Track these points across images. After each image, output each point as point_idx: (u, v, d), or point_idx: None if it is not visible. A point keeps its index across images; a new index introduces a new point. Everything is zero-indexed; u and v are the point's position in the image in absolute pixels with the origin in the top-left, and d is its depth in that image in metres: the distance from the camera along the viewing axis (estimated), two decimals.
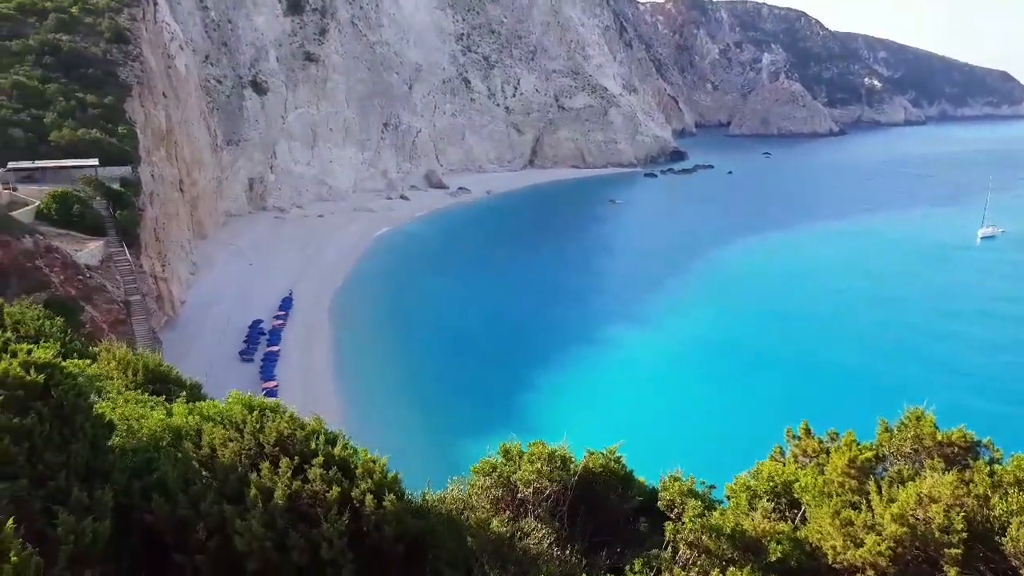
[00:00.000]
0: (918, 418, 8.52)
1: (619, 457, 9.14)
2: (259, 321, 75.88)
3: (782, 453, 9.31)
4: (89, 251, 43.31)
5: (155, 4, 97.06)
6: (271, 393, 59.51)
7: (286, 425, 6.93)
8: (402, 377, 65.72)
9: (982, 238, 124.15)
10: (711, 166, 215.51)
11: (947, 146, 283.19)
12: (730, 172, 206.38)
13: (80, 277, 38.34)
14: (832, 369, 67.38)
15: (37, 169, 58.35)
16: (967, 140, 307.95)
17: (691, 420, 56.28)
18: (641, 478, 9.36)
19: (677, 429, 53.54)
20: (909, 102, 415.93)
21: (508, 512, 8.07)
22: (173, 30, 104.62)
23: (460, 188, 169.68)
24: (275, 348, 70.38)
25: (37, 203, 48.77)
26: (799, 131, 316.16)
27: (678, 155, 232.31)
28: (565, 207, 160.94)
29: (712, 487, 8.69)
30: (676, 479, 8.68)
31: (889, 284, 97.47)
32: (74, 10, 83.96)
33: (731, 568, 6.90)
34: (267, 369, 65.25)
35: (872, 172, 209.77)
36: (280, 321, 77.45)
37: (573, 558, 7.61)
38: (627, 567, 7.27)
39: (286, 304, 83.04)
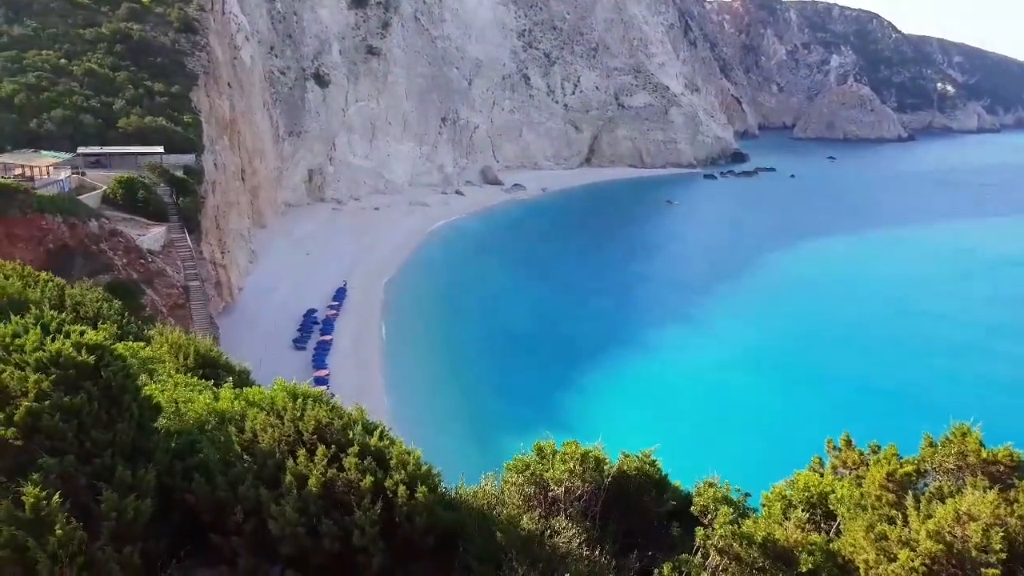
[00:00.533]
0: (964, 434, 8.23)
1: (654, 460, 9.06)
2: (313, 310, 77.55)
3: (821, 464, 9.11)
4: (152, 236, 44.87)
5: None
6: (322, 381, 60.72)
7: (325, 414, 7.09)
8: (448, 370, 66.41)
9: None
10: (773, 169, 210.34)
11: (1021, 155, 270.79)
12: (792, 176, 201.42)
13: (142, 261, 39.81)
14: (882, 381, 65.41)
15: (105, 155, 60.47)
16: None
17: (734, 426, 55.35)
18: (677, 482, 9.27)
19: (720, 434, 52.78)
20: (984, 108, 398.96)
21: (539, 510, 8.09)
22: (240, 21, 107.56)
23: (515, 185, 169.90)
24: (328, 337, 71.82)
25: (104, 188, 50.57)
26: (866, 136, 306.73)
27: (739, 157, 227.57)
28: (621, 207, 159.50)
29: (747, 495, 8.56)
30: (711, 485, 8.58)
31: (947, 296, 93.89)
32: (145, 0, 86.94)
33: None
34: (319, 358, 66.66)
35: (940, 180, 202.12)
36: (333, 311, 78.99)
37: (602, 559, 7.58)
38: (656, 571, 7.23)
39: (340, 294, 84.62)
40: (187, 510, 6.26)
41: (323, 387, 58.87)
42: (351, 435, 7.07)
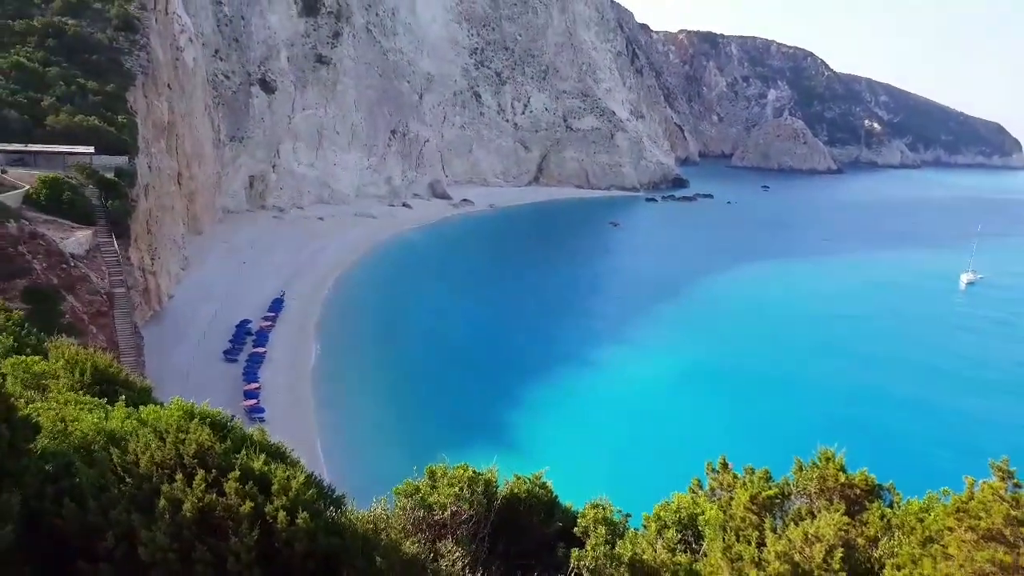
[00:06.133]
0: (828, 459, 8.82)
1: (545, 483, 9.37)
2: (247, 321, 75.54)
3: (700, 486, 9.57)
4: (76, 239, 43.24)
5: None
6: (252, 395, 59.48)
7: (207, 437, 7.14)
8: (384, 384, 65.70)
9: (967, 284, 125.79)
10: (711, 195, 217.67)
11: (940, 191, 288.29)
12: (729, 202, 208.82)
13: (64, 266, 38.36)
14: (811, 400, 67.52)
15: (29, 153, 57.52)
16: (958, 186, 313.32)
17: (667, 443, 56.25)
18: (568, 503, 9.60)
19: (652, 452, 53.73)
20: (906, 146, 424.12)
21: (427, 533, 8.27)
22: (184, 22, 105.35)
23: (464, 200, 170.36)
24: (261, 349, 69.89)
25: (27, 187, 48.29)
26: (799, 167, 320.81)
27: (680, 182, 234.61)
28: (566, 226, 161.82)
29: (628, 516, 8.98)
30: (595, 506, 8.95)
31: (874, 324, 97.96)
32: None
33: None
34: (251, 371, 64.76)
35: (867, 212, 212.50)
36: (268, 322, 77.18)
37: None
38: None
39: (276, 305, 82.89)
40: (57, 536, 6.22)
41: (253, 400, 57.87)
42: (234, 459, 7.13)
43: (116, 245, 48.02)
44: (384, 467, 41.16)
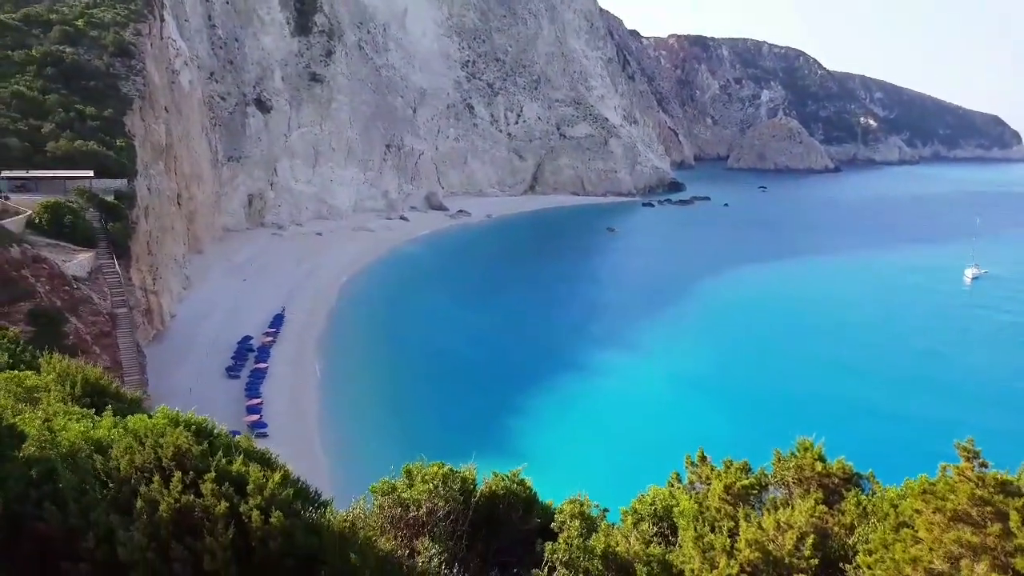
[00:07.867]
0: (806, 449, 9.00)
1: (523, 480, 9.56)
2: (248, 337, 76.06)
3: (679, 479, 9.75)
4: (78, 262, 43.73)
5: (162, 20, 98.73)
6: (255, 410, 59.83)
7: (185, 440, 7.40)
8: (386, 396, 65.95)
9: (972, 279, 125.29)
10: (708, 198, 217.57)
11: (939, 186, 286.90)
12: (726, 205, 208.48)
13: (67, 288, 38.78)
14: (810, 403, 67.50)
15: (31, 179, 58.57)
16: (959, 181, 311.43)
17: (658, 443, 56.24)
18: (549, 501, 9.80)
19: (653, 453, 53.76)
20: (903, 142, 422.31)
21: (404, 531, 8.49)
22: (179, 46, 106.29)
23: (460, 211, 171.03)
24: (263, 365, 70.43)
25: (29, 213, 49.13)
26: (795, 167, 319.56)
27: (676, 186, 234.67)
28: (564, 233, 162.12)
29: (606, 510, 9.17)
30: (572, 502, 9.16)
31: (881, 323, 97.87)
32: (79, 23, 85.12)
33: None
34: (253, 386, 65.25)
35: (865, 209, 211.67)
36: (270, 338, 77.63)
37: None
38: None
39: (277, 321, 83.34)
40: (39, 538, 6.48)
41: (256, 415, 58.16)
42: (211, 461, 7.39)
43: (117, 266, 48.47)
44: (389, 470, 41.30)
